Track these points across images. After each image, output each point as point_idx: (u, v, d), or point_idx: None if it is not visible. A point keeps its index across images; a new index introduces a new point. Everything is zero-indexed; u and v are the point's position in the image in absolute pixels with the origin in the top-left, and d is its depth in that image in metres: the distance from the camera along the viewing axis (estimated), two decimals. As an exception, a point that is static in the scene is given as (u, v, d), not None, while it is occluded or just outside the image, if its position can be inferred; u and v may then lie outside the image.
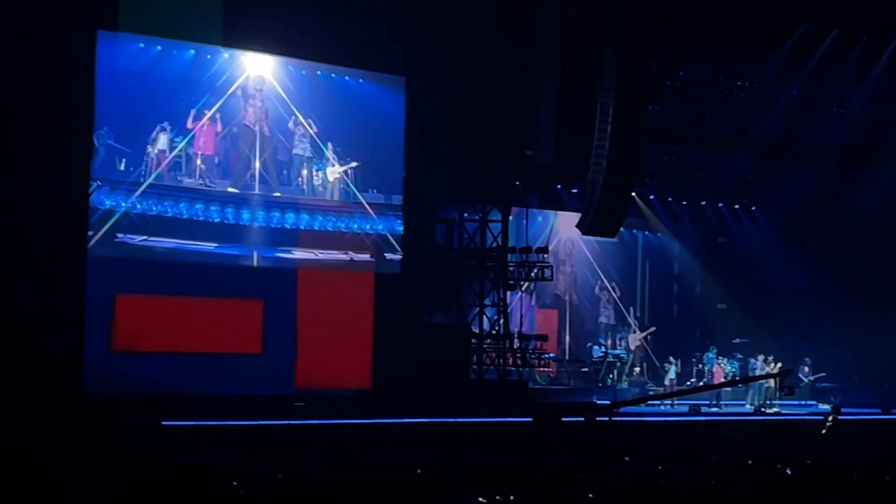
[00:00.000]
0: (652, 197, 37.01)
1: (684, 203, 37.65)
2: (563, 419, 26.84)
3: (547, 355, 32.56)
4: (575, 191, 34.05)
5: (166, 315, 25.82)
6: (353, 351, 27.35)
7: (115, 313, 24.98)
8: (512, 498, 14.84)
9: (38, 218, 23.27)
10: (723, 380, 34.77)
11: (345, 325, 27.46)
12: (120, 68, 25.36)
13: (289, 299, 27.21)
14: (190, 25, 26.01)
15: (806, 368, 35.37)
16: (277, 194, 27.59)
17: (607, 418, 27.56)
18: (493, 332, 30.66)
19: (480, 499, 14.94)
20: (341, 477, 17.85)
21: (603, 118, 28.78)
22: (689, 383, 34.72)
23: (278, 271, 27.34)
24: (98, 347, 24.53)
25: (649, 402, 32.31)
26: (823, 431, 28.94)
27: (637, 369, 36.19)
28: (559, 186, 33.78)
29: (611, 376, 34.50)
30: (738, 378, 34.94)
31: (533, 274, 31.30)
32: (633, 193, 32.20)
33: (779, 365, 32.89)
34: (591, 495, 15.03)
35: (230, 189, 26.91)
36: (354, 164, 28.29)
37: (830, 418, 29.47)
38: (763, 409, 32.49)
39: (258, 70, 27.42)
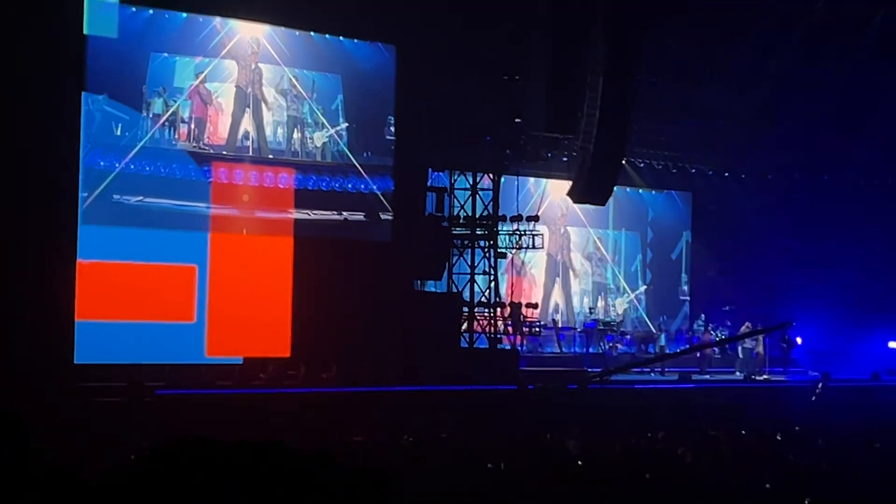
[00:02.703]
0: (642, 164, 37.03)
1: (674, 171, 37.63)
2: (554, 386, 27.01)
3: (538, 322, 32.66)
4: (565, 159, 34.04)
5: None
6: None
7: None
8: (502, 466, 14.92)
9: (29, 180, 23.26)
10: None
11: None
12: (113, 34, 25.30)
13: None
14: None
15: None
16: (270, 156, 27.61)
17: (598, 385, 27.76)
18: (484, 299, 30.71)
19: (489, 465, 15.04)
20: (330, 444, 17.92)
21: (593, 86, 28.80)
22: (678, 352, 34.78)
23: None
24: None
25: (640, 369, 32.48)
26: (813, 398, 29.12)
27: (628, 335, 36.31)
28: (550, 154, 33.77)
29: (601, 343, 34.55)
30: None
31: (524, 242, 31.35)
32: (623, 161, 32.20)
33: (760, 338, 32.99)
34: (579, 462, 15.11)
35: (224, 152, 26.93)
36: (346, 125, 28.33)
37: (820, 385, 29.66)
38: (753, 377, 32.58)
39: (251, 32, 27.43)
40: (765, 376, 32.86)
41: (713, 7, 33.24)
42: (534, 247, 31.80)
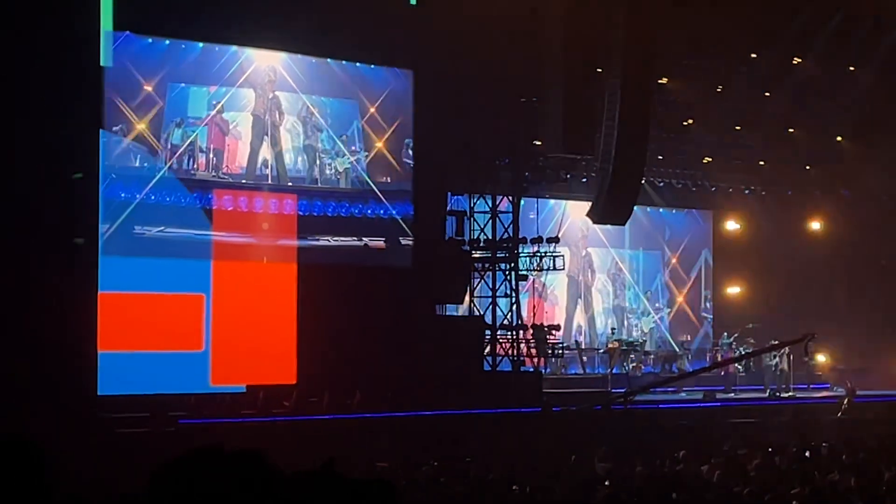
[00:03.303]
0: (661, 183, 37.00)
1: (693, 189, 37.58)
2: (578, 408, 26.96)
3: (561, 344, 32.58)
4: (584, 180, 34.04)
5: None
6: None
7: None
8: (528, 489, 14.90)
9: (50, 213, 23.32)
10: (736, 366, 34.74)
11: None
12: (130, 66, 25.42)
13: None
14: (196, 26, 26.05)
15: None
16: (290, 184, 27.65)
17: (622, 406, 27.67)
18: (506, 322, 30.67)
19: (514, 487, 15.02)
20: (361, 469, 17.90)
21: (610, 106, 28.79)
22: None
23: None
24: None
25: (664, 388, 32.37)
26: (839, 414, 29.01)
27: (651, 355, 36.23)
28: (569, 175, 33.76)
29: (625, 363, 34.45)
30: (751, 362, 34.95)
31: (545, 264, 31.31)
32: (642, 180, 32.15)
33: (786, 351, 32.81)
34: (606, 483, 15.07)
35: (244, 181, 26.99)
36: (364, 150, 28.37)
37: (846, 401, 29.53)
38: (778, 394, 32.45)
39: (268, 60, 27.47)
40: (790, 393, 32.72)
41: (727, 25, 33.17)
42: (555, 268, 31.73)
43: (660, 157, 34.98)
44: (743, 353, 35.03)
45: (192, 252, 26.23)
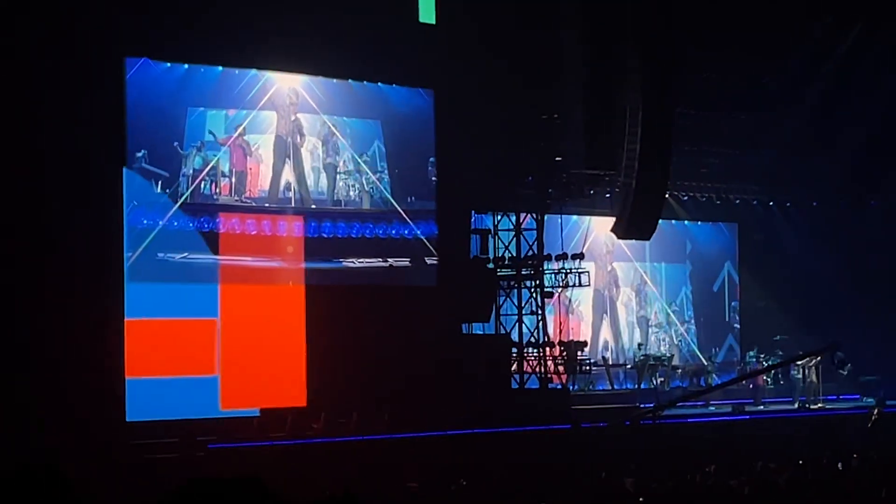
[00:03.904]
0: (685, 197, 36.93)
1: (718, 203, 37.51)
2: (611, 424, 26.89)
3: (588, 360, 32.50)
4: (608, 195, 34.00)
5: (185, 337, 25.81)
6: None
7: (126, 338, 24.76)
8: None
9: (76, 242, 23.43)
10: (765, 378, 34.64)
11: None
12: (148, 91, 25.48)
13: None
14: (216, 51, 26.11)
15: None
16: (313, 206, 27.67)
17: (651, 421, 27.59)
18: (533, 340, 30.64)
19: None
20: (386, 490, 17.90)
21: (632, 121, 28.75)
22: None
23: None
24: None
25: (693, 402, 32.26)
26: (870, 425, 28.86)
27: (679, 369, 36.11)
28: (592, 191, 33.71)
29: (653, 378, 34.37)
30: (779, 374, 34.85)
31: (570, 280, 31.28)
32: (666, 195, 32.08)
33: (817, 359, 32.68)
34: (641, 500, 15.02)
35: (266, 204, 27.01)
36: (387, 170, 28.39)
37: (876, 411, 29.38)
38: (807, 406, 32.33)
39: (289, 82, 27.48)
40: (819, 404, 32.59)
41: (750, 36, 33.17)
42: (580, 284, 31.70)
43: (683, 171, 34.88)
44: (770, 364, 34.93)
45: (213, 277, 26.23)
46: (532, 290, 30.88)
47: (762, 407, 32.90)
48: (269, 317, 26.86)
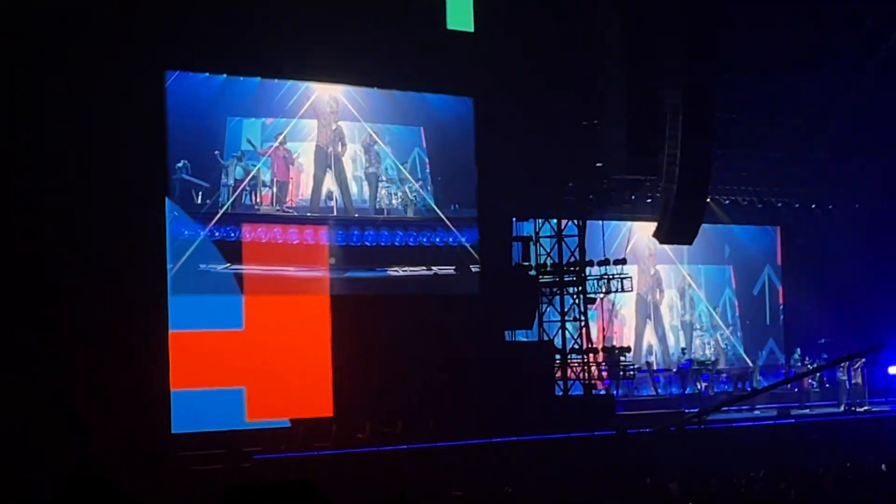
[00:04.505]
0: (727, 201, 36.81)
1: (760, 206, 37.37)
2: (657, 430, 26.85)
3: (632, 365, 32.43)
4: (649, 200, 33.93)
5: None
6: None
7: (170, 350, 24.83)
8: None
9: (119, 254, 23.58)
10: (809, 381, 34.50)
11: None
12: (187, 102, 25.54)
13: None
14: (254, 62, 26.20)
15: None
16: (356, 215, 27.72)
17: (697, 426, 27.53)
18: (576, 346, 30.62)
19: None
20: (432, 498, 17.94)
21: (672, 126, 28.70)
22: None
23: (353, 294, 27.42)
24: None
25: (738, 406, 32.13)
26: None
27: (724, 373, 35.99)
28: (633, 196, 33.64)
29: (698, 382, 34.27)
30: (825, 377, 34.70)
31: (613, 286, 31.23)
32: (707, 199, 32.01)
33: (861, 361, 32.52)
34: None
35: (308, 213, 27.07)
36: (430, 178, 28.39)
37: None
38: (854, 409, 32.17)
39: (328, 91, 27.44)
40: (865, 407, 32.41)
41: (792, 38, 33.12)
42: (623, 289, 31.63)
43: (724, 175, 34.78)
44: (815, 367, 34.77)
45: (254, 288, 26.28)
46: (574, 296, 30.87)
47: (808, 410, 32.76)
48: (301, 328, 26.74)
